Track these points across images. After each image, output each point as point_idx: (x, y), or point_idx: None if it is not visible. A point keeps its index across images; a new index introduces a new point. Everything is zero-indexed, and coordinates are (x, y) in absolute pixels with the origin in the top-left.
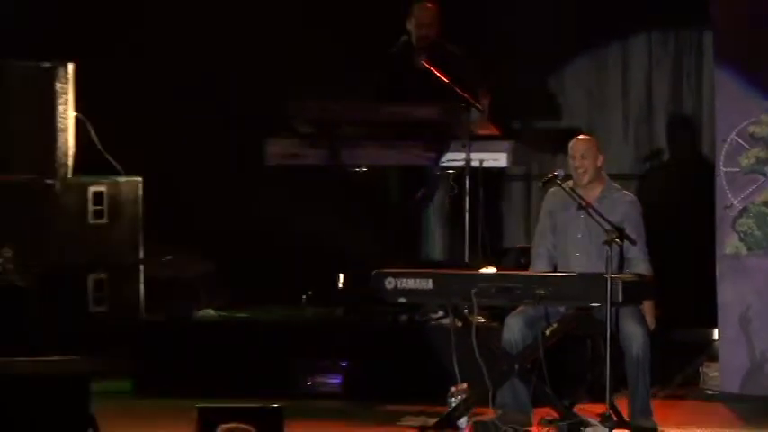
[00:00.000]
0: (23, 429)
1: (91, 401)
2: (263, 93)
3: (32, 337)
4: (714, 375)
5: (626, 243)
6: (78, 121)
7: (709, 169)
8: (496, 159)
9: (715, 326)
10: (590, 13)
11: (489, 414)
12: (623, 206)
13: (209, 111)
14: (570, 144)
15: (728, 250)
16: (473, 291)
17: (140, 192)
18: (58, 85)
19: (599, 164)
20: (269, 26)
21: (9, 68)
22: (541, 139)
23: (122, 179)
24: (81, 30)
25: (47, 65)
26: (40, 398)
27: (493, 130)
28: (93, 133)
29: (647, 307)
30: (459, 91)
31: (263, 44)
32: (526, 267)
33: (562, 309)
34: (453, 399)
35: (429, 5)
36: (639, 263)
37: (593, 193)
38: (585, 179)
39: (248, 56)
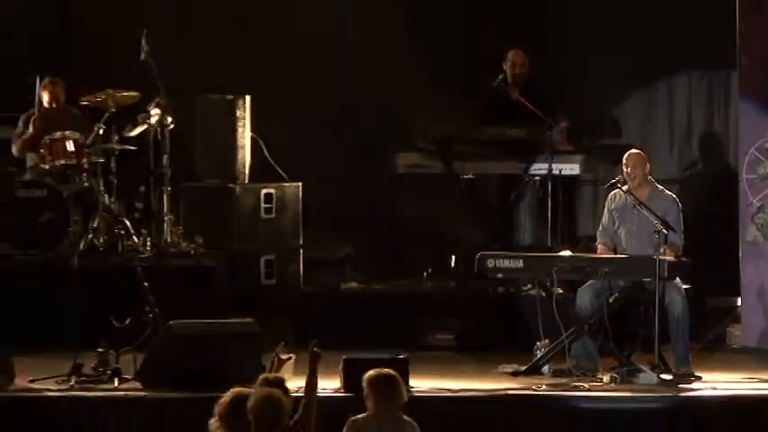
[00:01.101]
0: (212, 376)
1: (262, 353)
2: (394, 117)
3: (219, 305)
4: (737, 334)
5: (666, 230)
6: (253, 140)
7: (733, 176)
8: (572, 168)
9: (738, 295)
10: (644, 59)
11: (566, 363)
12: (667, 203)
13: (353, 131)
14: (625, 156)
15: (749, 238)
16: (553, 269)
17: (300, 193)
18: (239, 113)
19: (647, 171)
20: (397, 64)
21: (203, 101)
22: (605, 152)
23: (287, 184)
24: (258, 67)
25: (230, 97)
26: (225, 351)
27: (569, 146)
28: (264, 149)
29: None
30: (543, 116)
31: (393, 79)
32: (594, 251)
33: (621, 282)
34: (538, 351)
35: (521, 52)
36: (678, 244)
37: (643, 194)
38: (635, 183)
39: (383, 88)
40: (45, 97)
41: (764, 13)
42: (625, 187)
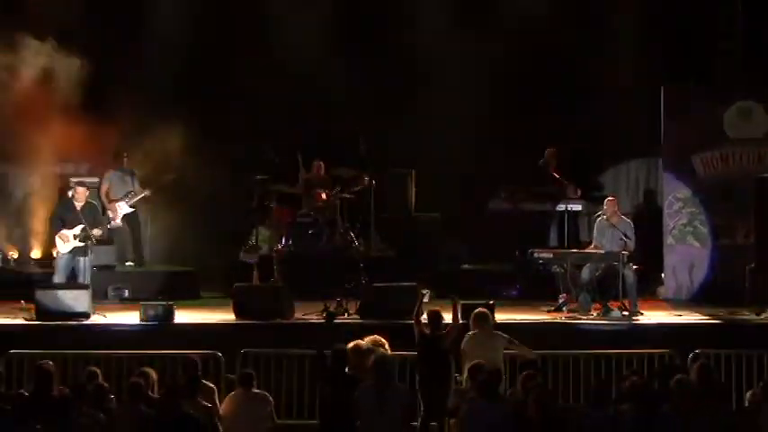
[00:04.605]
0: (396, 312)
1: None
2: (488, 180)
3: (399, 275)
4: (662, 291)
5: (626, 239)
6: (416, 193)
7: (660, 210)
8: (578, 207)
9: (662, 272)
10: (613, 152)
11: (574, 305)
12: (626, 225)
13: (466, 187)
14: (605, 200)
15: (668, 242)
16: (568, 258)
17: (439, 220)
18: (408, 179)
19: (616, 208)
20: (490, 147)
21: (389, 173)
22: (595, 200)
23: (433, 215)
24: (416, 148)
25: (404, 171)
26: (403, 298)
27: (577, 195)
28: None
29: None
30: (564, 182)
31: (492, 159)
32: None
33: (603, 264)
34: (560, 299)
35: (553, 149)
36: (631, 246)
37: (614, 220)
38: (610, 214)
39: (483, 163)
40: (314, 168)
41: (677, 125)
42: (604, 216)
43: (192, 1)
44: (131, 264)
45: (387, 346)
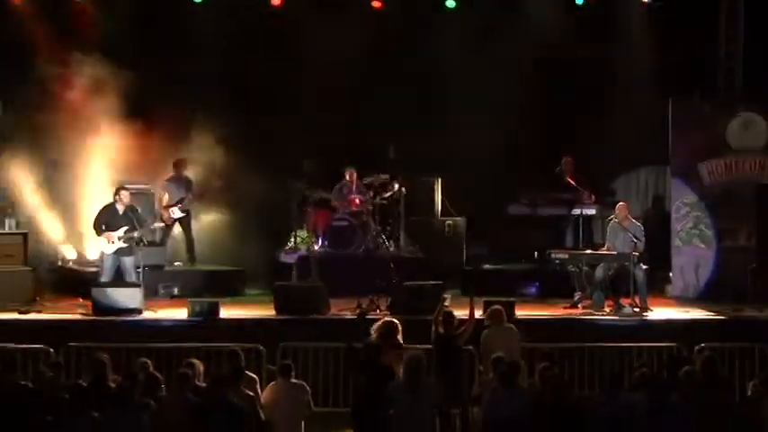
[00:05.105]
0: (423, 308)
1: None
2: (507, 185)
3: (425, 275)
4: (669, 289)
5: (637, 241)
6: (442, 200)
7: (668, 215)
8: (592, 211)
9: (670, 271)
10: (625, 160)
11: (588, 302)
12: (636, 227)
13: (484, 192)
14: (617, 206)
15: (675, 245)
16: (583, 258)
17: (465, 223)
18: (435, 186)
19: (627, 213)
20: (508, 157)
21: (418, 180)
22: (607, 204)
23: (457, 218)
24: (442, 155)
25: (431, 178)
26: (427, 296)
27: (591, 200)
28: (447, 203)
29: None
30: (579, 188)
31: (508, 164)
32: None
33: (615, 264)
34: (576, 297)
35: (570, 158)
36: (641, 247)
37: (625, 223)
38: (621, 218)
39: (502, 169)
40: (347, 176)
41: (684, 135)
42: (616, 220)
43: (234, 14)
44: (180, 264)
45: (398, 325)
